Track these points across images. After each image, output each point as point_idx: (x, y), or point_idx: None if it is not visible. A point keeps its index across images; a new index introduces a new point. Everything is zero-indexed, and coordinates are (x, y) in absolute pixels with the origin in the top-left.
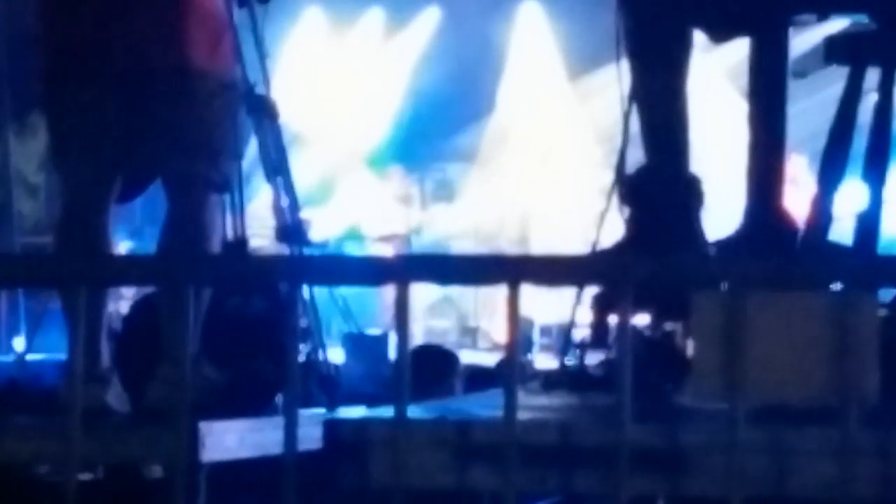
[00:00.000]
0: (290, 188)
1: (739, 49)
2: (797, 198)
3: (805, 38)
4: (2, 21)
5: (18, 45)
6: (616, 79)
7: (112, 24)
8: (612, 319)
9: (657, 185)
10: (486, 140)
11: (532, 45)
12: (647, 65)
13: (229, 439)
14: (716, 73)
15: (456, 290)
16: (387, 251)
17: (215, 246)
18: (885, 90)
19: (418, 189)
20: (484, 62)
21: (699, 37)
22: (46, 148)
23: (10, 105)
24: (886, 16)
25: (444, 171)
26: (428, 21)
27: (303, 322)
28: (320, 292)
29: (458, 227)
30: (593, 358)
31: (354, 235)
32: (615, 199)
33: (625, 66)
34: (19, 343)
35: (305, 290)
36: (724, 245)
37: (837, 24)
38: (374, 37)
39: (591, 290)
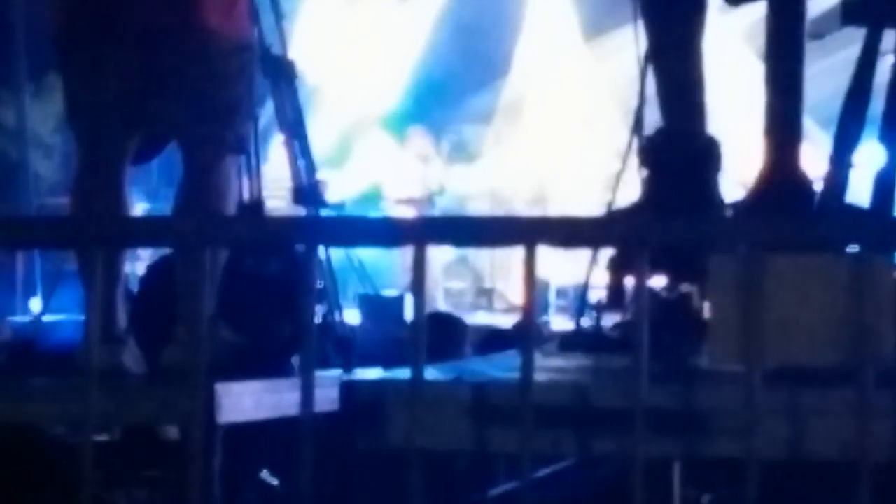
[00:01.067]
0: (306, 150)
1: (756, 11)
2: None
3: (822, 0)
4: None
5: (35, 5)
6: (633, 39)
7: None
8: (629, 281)
9: (674, 146)
10: (501, 102)
11: (548, 6)
12: (661, 24)
13: (246, 401)
14: (732, 35)
15: (471, 252)
16: (408, 213)
17: (231, 207)
18: None
19: (436, 150)
20: (500, 23)
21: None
22: (62, 109)
23: (26, 66)
24: None
25: (460, 132)
26: None
27: (319, 283)
28: (336, 253)
29: (475, 188)
30: (610, 319)
31: (373, 196)
32: (632, 160)
33: (641, 26)
34: (36, 304)
35: (321, 252)
36: (741, 207)
37: None
38: None
39: (608, 252)
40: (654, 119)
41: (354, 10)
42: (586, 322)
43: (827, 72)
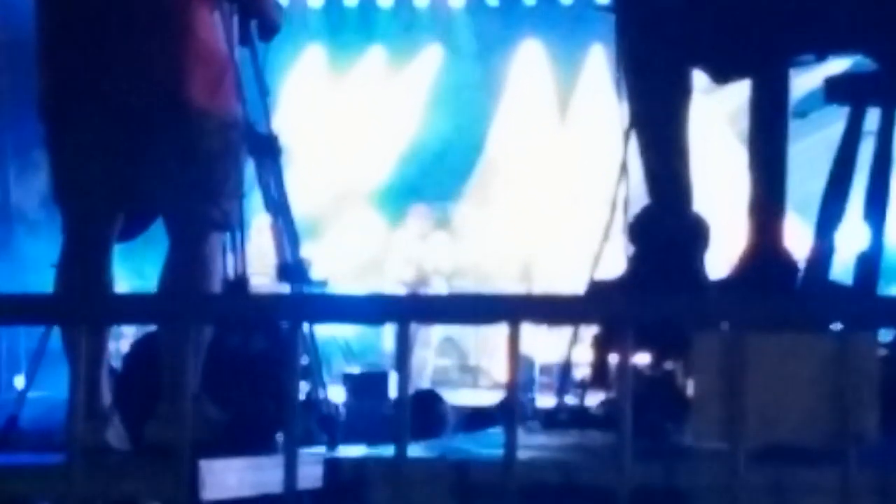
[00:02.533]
0: (290, 227)
1: (740, 95)
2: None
3: (805, 80)
4: (2, 59)
5: (19, 81)
6: (610, 110)
7: (113, 62)
8: (613, 358)
9: (661, 224)
10: (479, 178)
11: (528, 83)
12: (645, 103)
13: (230, 478)
14: (716, 118)
15: (456, 329)
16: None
17: (216, 284)
18: (884, 130)
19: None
20: (484, 100)
21: (699, 79)
22: (48, 185)
23: (10, 141)
24: (886, 55)
25: (444, 209)
26: (430, 58)
27: (303, 360)
28: (321, 330)
29: (459, 265)
30: (594, 397)
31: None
32: (615, 235)
33: (624, 104)
34: (20, 381)
35: (306, 329)
36: (724, 284)
37: (838, 66)
38: (377, 74)
39: (591, 329)
40: (637, 194)
41: (340, 87)
42: (570, 399)
43: (811, 149)
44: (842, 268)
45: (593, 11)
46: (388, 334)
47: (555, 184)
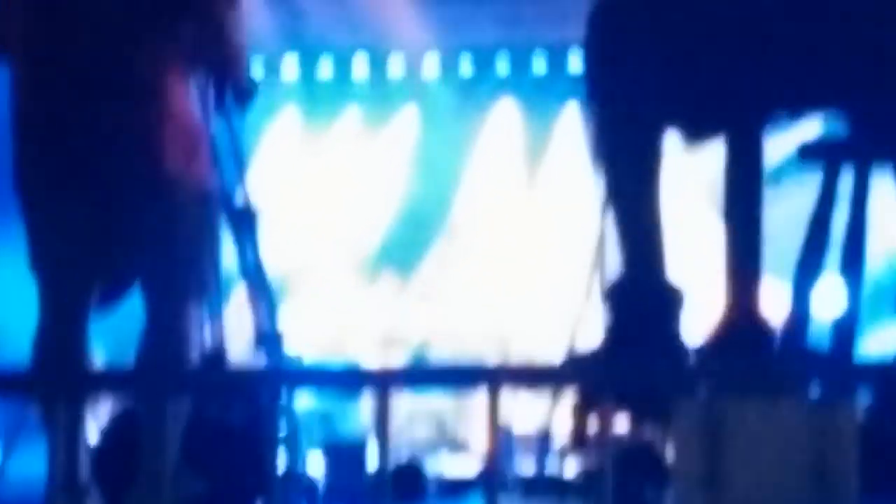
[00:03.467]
0: (268, 297)
1: (715, 166)
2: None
3: (779, 147)
4: None
5: None
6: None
7: (87, 132)
8: (592, 425)
9: (637, 293)
10: (451, 241)
11: (498, 144)
12: (619, 169)
13: None
14: (690, 185)
15: (434, 398)
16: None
17: (194, 355)
18: (859, 188)
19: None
20: (458, 162)
21: (673, 148)
22: (24, 256)
23: None
24: (859, 110)
25: (415, 274)
26: (407, 119)
27: (282, 432)
28: (300, 400)
29: (437, 331)
30: (573, 464)
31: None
32: (595, 303)
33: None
34: None
35: (284, 399)
36: (702, 351)
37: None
38: (352, 137)
39: (569, 398)
40: (613, 259)
41: (315, 148)
42: (550, 467)
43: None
44: (819, 326)
45: (567, 76)
46: (367, 404)
47: (527, 247)
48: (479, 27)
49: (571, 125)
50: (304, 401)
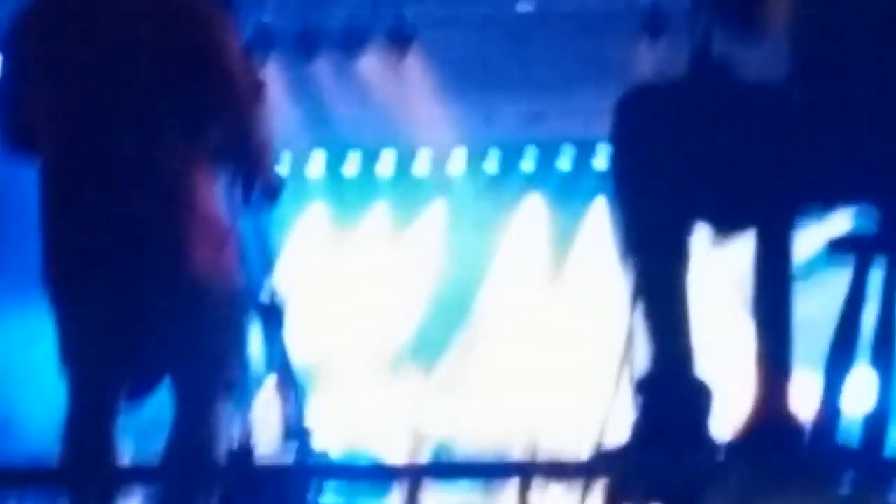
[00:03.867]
0: (296, 394)
1: (743, 261)
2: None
3: (810, 241)
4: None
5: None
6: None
7: (115, 229)
8: None
9: (664, 390)
10: (475, 338)
11: (525, 238)
12: (646, 265)
13: None
14: (719, 282)
15: (463, 493)
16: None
17: (222, 451)
18: (889, 281)
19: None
20: (485, 256)
21: (703, 244)
22: (56, 351)
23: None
24: (889, 204)
25: (442, 370)
26: (436, 214)
27: None
28: (327, 497)
29: (464, 426)
30: None
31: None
32: (623, 398)
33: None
34: None
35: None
36: (731, 447)
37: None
38: (381, 232)
39: (599, 491)
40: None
41: (343, 245)
42: None
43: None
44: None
45: (592, 174)
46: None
47: (555, 341)
48: (504, 124)
49: (598, 221)
50: (332, 498)
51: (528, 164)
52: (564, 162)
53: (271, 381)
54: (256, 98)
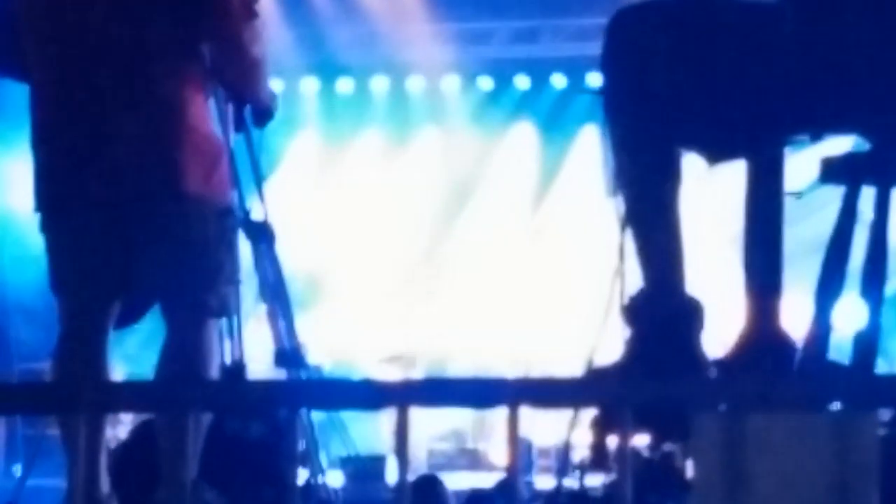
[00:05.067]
0: (287, 312)
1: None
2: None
3: (801, 159)
4: None
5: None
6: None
7: (106, 152)
8: (612, 440)
9: (656, 306)
10: (468, 259)
11: (513, 164)
12: (637, 186)
13: None
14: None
15: (453, 412)
16: (391, 373)
17: (214, 371)
18: (880, 209)
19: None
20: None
21: (694, 166)
22: (45, 273)
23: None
24: (880, 135)
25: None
26: (426, 140)
27: (301, 446)
28: (318, 414)
29: (456, 347)
30: (593, 479)
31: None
32: (614, 318)
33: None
34: (19, 470)
35: (303, 414)
36: (722, 365)
37: (833, 146)
38: (372, 157)
39: (590, 411)
40: (631, 275)
41: (335, 171)
42: (569, 482)
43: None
44: (839, 346)
45: (586, 95)
46: (385, 418)
47: (543, 266)
48: (497, 45)
49: (590, 140)
50: (324, 414)
51: (521, 83)
52: (558, 81)
53: (262, 299)
54: (250, 12)
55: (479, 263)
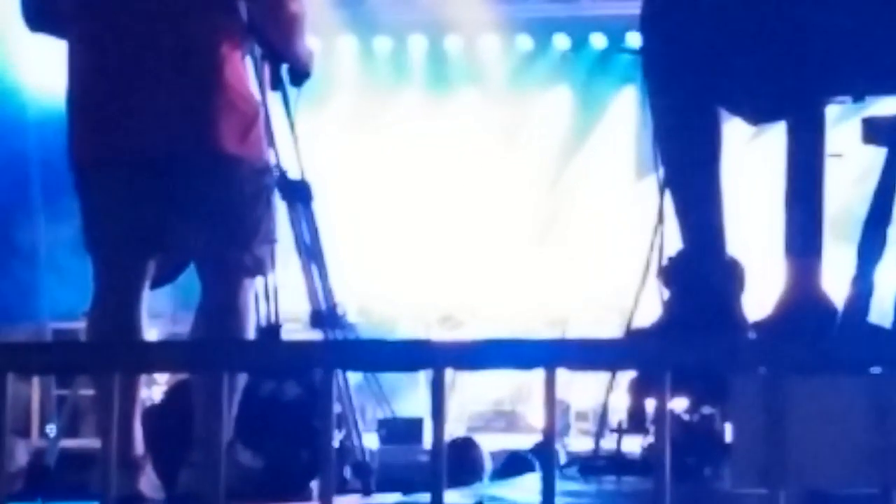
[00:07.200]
0: (323, 273)
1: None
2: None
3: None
4: (34, 108)
5: (49, 131)
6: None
7: (142, 110)
8: (650, 403)
9: (695, 267)
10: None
11: (546, 130)
12: (677, 148)
13: None
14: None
15: (490, 373)
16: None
17: (249, 331)
18: None
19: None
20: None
21: (738, 130)
22: (78, 232)
23: (39, 189)
24: None
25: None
26: (464, 101)
27: (337, 407)
28: (355, 375)
29: (492, 309)
30: (631, 442)
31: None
32: (653, 280)
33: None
34: (53, 429)
35: (339, 375)
36: (762, 327)
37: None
38: (412, 116)
39: (628, 374)
40: (670, 237)
41: (373, 128)
42: (607, 445)
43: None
44: (880, 307)
45: (626, 55)
46: (423, 379)
47: (581, 227)
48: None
49: (628, 101)
50: (360, 374)
51: (560, 42)
52: (597, 40)
53: (299, 259)
54: None
55: (516, 226)
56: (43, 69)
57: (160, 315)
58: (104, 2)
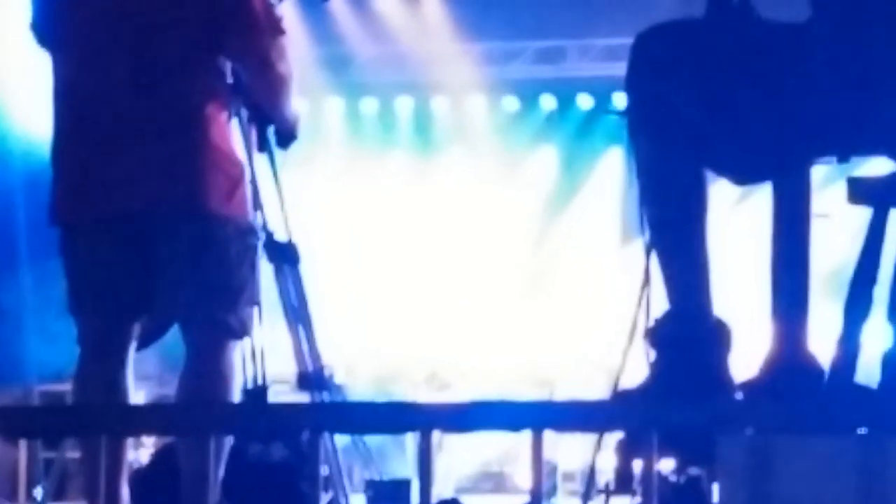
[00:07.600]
0: (310, 334)
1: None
2: None
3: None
4: (20, 167)
5: (36, 192)
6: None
7: (126, 169)
8: (637, 464)
9: (681, 328)
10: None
11: (534, 189)
12: (662, 209)
13: None
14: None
15: (479, 435)
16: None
17: (235, 393)
18: None
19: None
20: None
21: (725, 193)
22: (64, 294)
23: (27, 250)
24: None
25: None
26: (451, 160)
27: (324, 469)
28: (341, 437)
29: (478, 371)
30: (618, 503)
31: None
32: (638, 342)
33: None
34: (40, 492)
35: (326, 437)
36: (749, 388)
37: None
38: (397, 178)
39: (615, 435)
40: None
41: (362, 190)
42: None
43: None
44: (867, 368)
45: (612, 116)
46: (410, 440)
47: (567, 289)
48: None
49: (614, 162)
50: (347, 437)
51: (547, 103)
52: (584, 101)
53: (285, 321)
54: (277, 29)
55: (503, 285)
56: (32, 125)
57: (147, 377)
58: (90, 60)
